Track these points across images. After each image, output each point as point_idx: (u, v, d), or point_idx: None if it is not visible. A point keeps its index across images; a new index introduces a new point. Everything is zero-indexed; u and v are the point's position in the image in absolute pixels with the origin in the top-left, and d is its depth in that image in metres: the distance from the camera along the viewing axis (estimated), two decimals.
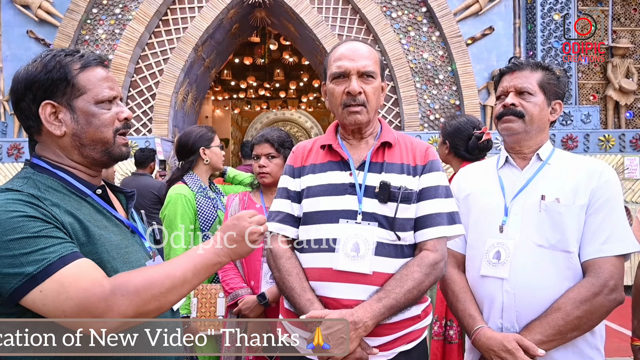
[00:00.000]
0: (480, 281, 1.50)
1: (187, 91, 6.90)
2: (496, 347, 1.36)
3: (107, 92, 1.11)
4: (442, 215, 1.38)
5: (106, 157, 1.14)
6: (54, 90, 1.07)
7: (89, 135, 1.10)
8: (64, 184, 1.09)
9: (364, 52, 1.41)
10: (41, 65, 1.08)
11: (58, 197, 1.05)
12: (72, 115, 1.09)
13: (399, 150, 1.44)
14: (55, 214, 0.99)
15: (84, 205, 1.09)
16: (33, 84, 1.07)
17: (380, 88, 1.45)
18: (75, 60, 1.09)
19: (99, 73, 1.12)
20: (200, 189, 2.30)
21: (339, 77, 1.41)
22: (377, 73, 1.42)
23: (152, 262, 1.21)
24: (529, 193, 1.48)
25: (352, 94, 1.38)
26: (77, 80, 1.08)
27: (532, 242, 1.43)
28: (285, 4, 6.27)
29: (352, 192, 1.39)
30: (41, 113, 1.07)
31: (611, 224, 1.39)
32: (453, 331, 2.15)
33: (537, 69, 1.53)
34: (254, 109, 15.12)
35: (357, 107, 1.39)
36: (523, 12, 6.34)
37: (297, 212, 1.47)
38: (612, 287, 1.36)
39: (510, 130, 1.51)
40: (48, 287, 0.92)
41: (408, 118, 6.26)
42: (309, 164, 1.48)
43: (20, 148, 6.04)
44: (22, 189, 1.01)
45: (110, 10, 6.30)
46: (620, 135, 6.09)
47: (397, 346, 1.35)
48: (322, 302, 1.35)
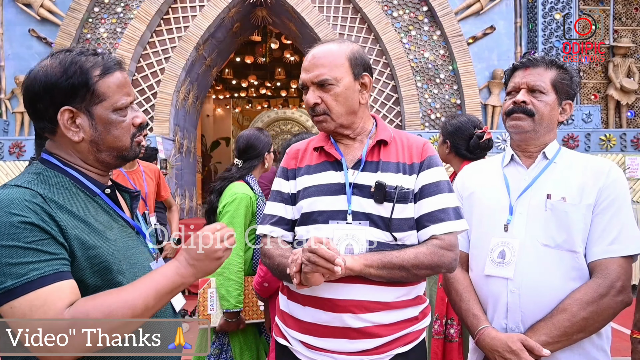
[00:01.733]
0: (484, 281, 1.48)
1: (189, 90, 6.91)
2: (500, 347, 1.34)
3: (125, 99, 1.12)
4: (448, 211, 1.35)
5: (120, 161, 1.16)
6: (74, 96, 1.06)
7: (106, 143, 1.10)
8: (74, 182, 1.08)
9: (321, 59, 1.37)
10: (61, 70, 1.06)
11: (66, 196, 1.04)
12: (91, 122, 1.08)
13: (395, 148, 1.41)
14: (58, 219, 0.98)
15: (91, 205, 1.09)
16: (53, 88, 1.05)
17: (347, 91, 1.37)
18: (96, 65, 1.08)
19: (118, 79, 1.11)
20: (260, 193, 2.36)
21: (303, 88, 1.41)
22: (339, 77, 1.35)
23: (155, 264, 1.20)
24: (534, 192, 1.46)
25: (308, 105, 1.39)
26: (97, 87, 1.07)
27: (537, 242, 1.41)
28: (287, 3, 6.27)
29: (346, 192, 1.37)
30: (60, 119, 1.06)
31: (619, 224, 1.37)
32: (454, 330, 2.15)
33: (551, 66, 1.48)
34: (255, 107, 15.12)
35: (319, 117, 1.39)
36: (524, 12, 6.33)
37: (291, 214, 1.45)
38: (620, 289, 1.33)
39: (518, 128, 1.48)
40: (18, 306, 0.91)
41: (409, 117, 6.26)
42: (304, 165, 1.46)
43: (21, 146, 6.05)
44: (31, 186, 1.00)
45: (112, 9, 6.30)
46: (621, 135, 6.08)
47: (393, 348, 1.32)
48: (317, 303, 1.34)
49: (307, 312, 1.36)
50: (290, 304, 1.42)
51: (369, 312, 1.31)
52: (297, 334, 1.38)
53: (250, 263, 2.31)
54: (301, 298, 1.37)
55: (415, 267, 1.29)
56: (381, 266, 1.28)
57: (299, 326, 1.38)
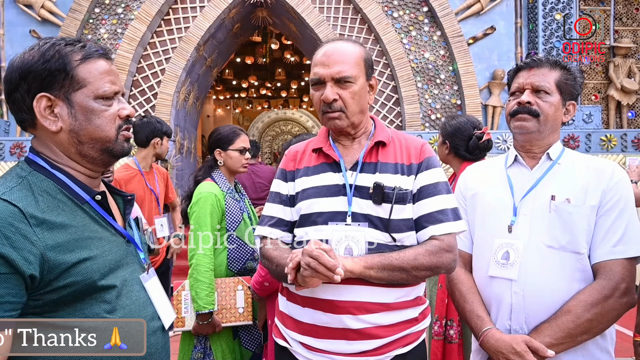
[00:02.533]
0: (488, 282, 1.47)
1: (189, 90, 6.91)
2: (505, 349, 1.34)
3: (109, 86, 1.03)
4: (446, 212, 1.35)
5: (106, 156, 1.07)
6: (51, 82, 0.98)
7: (87, 133, 1.02)
8: (61, 188, 1.01)
9: (340, 55, 1.36)
10: (38, 54, 0.98)
11: (51, 205, 0.97)
12: (70, 110, 1.00)
13: (393, 149, 1.41)
14: (34, 240, 0.90)
15: (79, 214, 1.01)
16: (28, 73, 0.98)
17: (361, 90, 1.38)
18: (76, 50, 1.01)
19: (101, 66, 1.03)
20: (228, 190, 2.33)
21: (316, 84, 1.38)
22: (357, 76, 1.36)
23: (146, 275, 1.16)
24: (538, 193, 1.45)
25: (325, 102, 1.36)
26: (76, 72, 0.99)
27: (541, 243, 1.40)
28: (287, 4, 6.27)
29: (346, 194, 1.36)
30: (35, 106, 0.98)
31: (623, 226, 1.36)
32: (453, 331, 2.15)
33: (555, 67, 1.48)
34: (255, 108, 15.13)
35: (334, 114, 1.36)
36: (524, 12, 6.32)
37: (289, 216, 1.45)
38: (624, 290, 1.33)
39: (523, 129, 1.47)
40: None
41: (409, 117, 6.26)
42: (302, 166, 1.46)
43: (22, 147, 6.05)
44: (12, 198, 0.92)
45: (113, 10, 6.30)
46: (622, 135, 6.07)
47: (392, 349, 1.32)
48: (316, 304, 1.33)
49: (306, 314, 1.36)
50: (289, 305, 1.42)
51: (369, 313, 1.30)
52: (297, 335, 1.38)
53: (225, 264, 2.28)
54: (301, 299, 1.37)
55: (414, 269, 1.29)
56: (381, 268, 1.27)
57: (298, 327, 1.37)
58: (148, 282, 1.15)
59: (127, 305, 1.05)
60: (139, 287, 1.11)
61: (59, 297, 0.95)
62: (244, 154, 2.40)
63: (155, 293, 1.16)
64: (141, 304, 1.10)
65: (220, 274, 2.26)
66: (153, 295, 1.15)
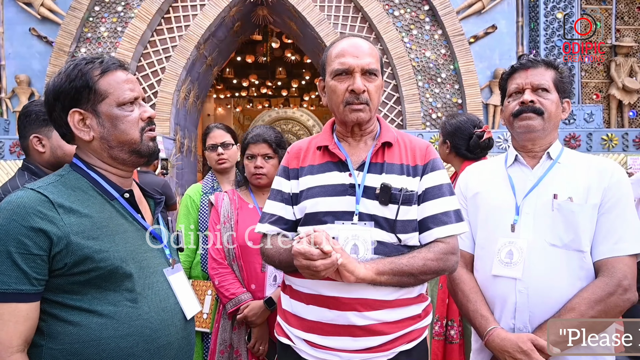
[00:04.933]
0: (491, 281, 1.48)
1: (189, 89, 6.90)
2: (511, 348, 1.35)
3: (129, 93, 1.16)
4: (449, 214, 1.37)
5: (135, 156, 1.19)
6: (79, 98, 1.13)
7: (115, 138, 1.16)
8: (93, 185, 1.15)
9: (366, 49, 1.38)
10: (65, 76, 1.14)
11: (81, 198, 1.11)
12: (98, 119, 1.15)
13: (399, 149, 1.41)
14: (62, 224, 1.03)
15: (107, 208, 1.15)
16: (60, 94, 1.14)
17: (381, 86, 1.43)
18: (95, 66, 1.15)
19: (119, 76, 1.17)
20: (210, 189, 2.31)
21: (342, 74, 1.36)
22: (379, 71, 1.40)
23: (170, 269, 1.24)
24: (540, 192, 1.47)
25: (356, 92, 1.34)
26: (98, 86, 1.14)
27: (545, 242, 1.42)
28: (288, 2, 6.25)
29: (352, 193, 1.36)
30: (70, 121, 1.14)
31: (624, 224, 1.38)
32: (454, 331, 2.14)
33: (549, 67, 1.52)
34: (255, 107, 15.11)
35: (359, 106, 1.35)
36: (526, 11, 6.31)
37: (291, 214, 1.45)
38: (626, 287, 1.35)
39: (529, 127, 1.48)
40: None
41: (410, 116, 6.24)
42: (306, 165, 1.45)
43: None
44: (45, 190, 1.06)
45: (113, 8, 6.29)
46: (623, 135, 6.06)
47: (397, 345, 1.33)
48: (321, 301, 1.34)
49: (310, 311, 1.36)
50: (293, 302, 1.42)
51: (373, 309, 1.31)
52: (301, 332, 1.37)
53: (198, 266, 2.26)
54: (305, 297, 1.37)
55: (422, 274, 1.31)
56: (392, 275, 1.29)
57: (302, 325, 1.37)
58: (172, 275, 1.25)
59: (148, 295, 1.15)
60: (162, 279, 1.21)
61: (85, 280, 1.06)
62: (214, 150, 2.37)
63: (179, 286, 1.25)
64: (163, 296, 1.19)
65: (197, 275, 2.24)
66: (176, 288, 1.24)
